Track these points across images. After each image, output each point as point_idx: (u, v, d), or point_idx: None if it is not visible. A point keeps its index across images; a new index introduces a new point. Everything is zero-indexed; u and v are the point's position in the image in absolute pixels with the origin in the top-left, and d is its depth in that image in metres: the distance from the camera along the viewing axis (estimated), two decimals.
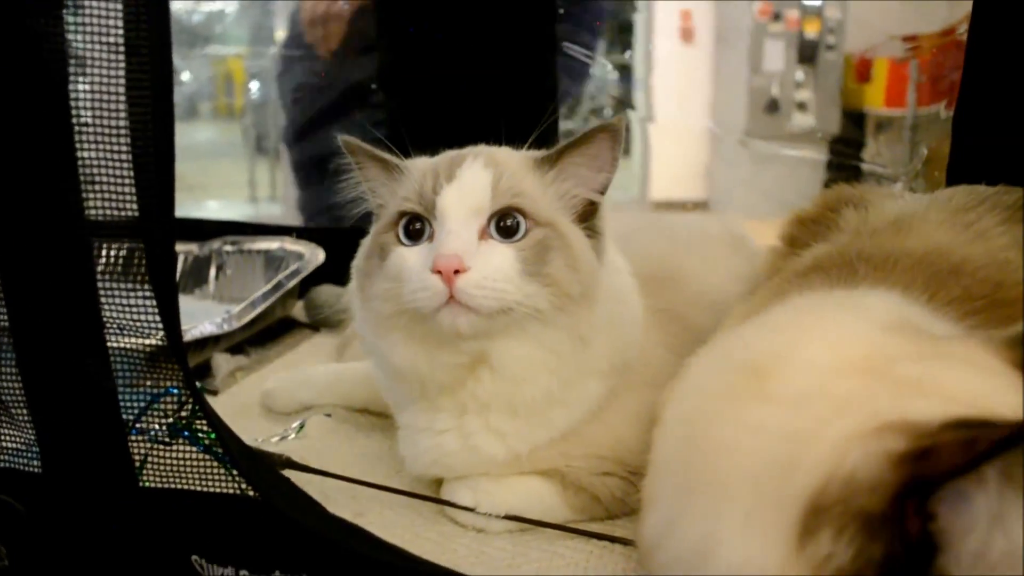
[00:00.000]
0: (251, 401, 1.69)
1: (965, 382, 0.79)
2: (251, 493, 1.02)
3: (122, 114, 0.96)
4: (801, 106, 6.81)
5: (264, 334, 1.98)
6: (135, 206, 0.97)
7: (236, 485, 1.04)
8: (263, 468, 1.08)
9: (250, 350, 1.88)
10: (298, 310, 2.15)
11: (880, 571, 0.70)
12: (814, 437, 0.77)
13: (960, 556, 0.71)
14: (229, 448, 1.03)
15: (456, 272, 1.08)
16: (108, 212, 0.98)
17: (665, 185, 6.59)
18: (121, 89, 0.96)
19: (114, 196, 0.97)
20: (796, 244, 1.37)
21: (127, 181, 0.97)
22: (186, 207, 3.17)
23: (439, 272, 1.09)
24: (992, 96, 1.68)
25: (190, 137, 7.34)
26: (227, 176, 6.71)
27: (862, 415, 0.76)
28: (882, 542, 0.70)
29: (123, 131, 0.97)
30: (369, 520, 1.23)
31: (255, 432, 1.52)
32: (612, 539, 1.20)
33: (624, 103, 6.87)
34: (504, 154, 1.22)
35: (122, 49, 0.95)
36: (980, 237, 1.20)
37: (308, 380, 1.65)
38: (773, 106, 6.72)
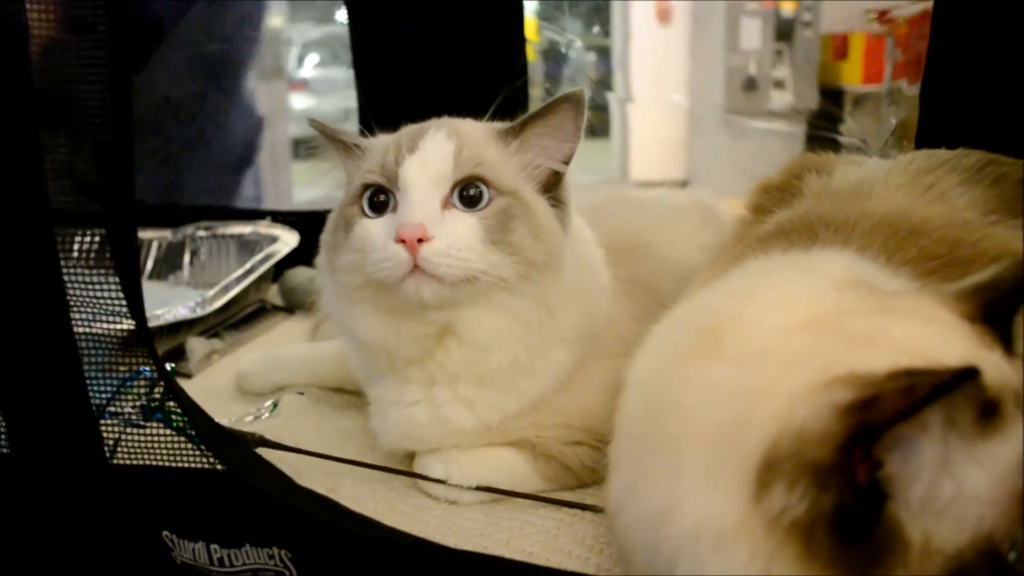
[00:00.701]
0: (225, 383, 1.69)
1: (914, 334, 0.80)
2: (218, 467, 1.02)
3: (82, 95, 0.96)
4: (779, 84, 6.80)
5: (240, 319, 1.98)
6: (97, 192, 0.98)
7: (204, 459, 1.04)
8: (230, 442, 1.09)
9: (225, 334, 1.88)
10: (273, 294, 2.15)
11: (832, 522, 0.71)
12: (766, 393, 0.78)
13: (909, 502, 0.72)
14: (195, 422, 1.04)
15: (419, 241, 1.09)
16: (70, 198, 0.99)
17: (645, 165, 6.58)
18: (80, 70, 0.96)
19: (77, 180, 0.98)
20: (762, 212, 1.38)
21: (88, 166, 0.98)
22: None
23: (402, 241, 1.09)
24: (956, 68, 1.70)
25: None
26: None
27: (812, 369, 0.77)
28: (833, 493, 0.71)
29: (83, 113, 0.97)
30: (342, 495, 1.23)
31: (230, 413, 1.53)
32: (583, 507, 1.21)
33: (603, 84, 6.88)
34: (467, 125, 1.23)
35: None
36: (940, 198, 1.20)
37: (281, 360, 1.65)
38: (751, 84, 6.72)
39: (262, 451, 1.25)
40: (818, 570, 0.72)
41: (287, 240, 2.12)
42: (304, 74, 7.05)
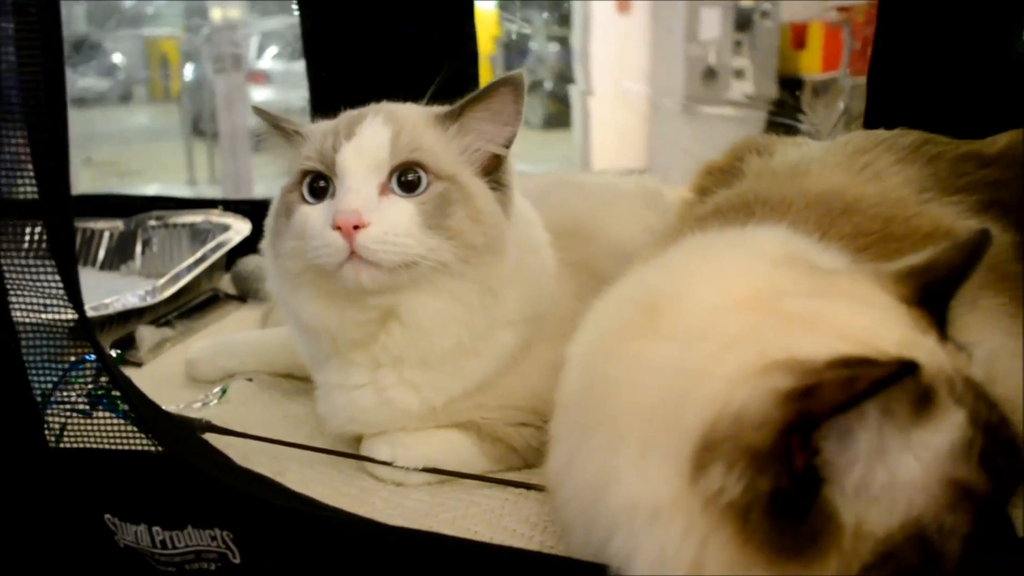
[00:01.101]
0: (176, 371, 1.68)
1: (852, 318, 0.81)
2: (158, 449, 1.02)
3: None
4: (739, 73, 6.84)
5: (192, 308, 1.97)
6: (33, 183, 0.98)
7: (144, 442, 1.04)
8: (170, 425, 1.09)
9: (176, 322, 1.87)
10: (226, 283, 2.14)
11: (768, 505, 0.73)
12: (705, 373, 0.79)
13: (844, 488, 0.74)
14: (132, 403, 1.04)
15: (356, 228, 1.09)
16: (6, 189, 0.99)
17: (606, 155, 6.60)
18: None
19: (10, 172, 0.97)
20: (705, 193, 1.40)
21: (23, 156, 0.97)
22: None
23: (339, 228, 1.10)
24: (901, 54, 1.74)
25: (126, 121, 7.25)
26: (165, 159, 6.61)
27: (751, 352, 0.78)
28: (770, 476, 0.73)
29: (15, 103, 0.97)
30: (289, 479, 1.23)
31: (179, 400, 1.53)
32: (527, 486, 1.22)
33: (564, 77, 6.90)
34: (405, 110, 1.23)
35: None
36: (875, 177, 1.23)
37: (231, 347, 1.65)
38: (711, 74, 6.75)
39: (210, 437, 1.25)
40: (753, 550, 0.73)
41: (239, 229, 2.11)
42: (264, 66, 7.02)
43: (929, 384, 0.75)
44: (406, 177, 1.15)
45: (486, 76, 2.24)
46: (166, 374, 1.69)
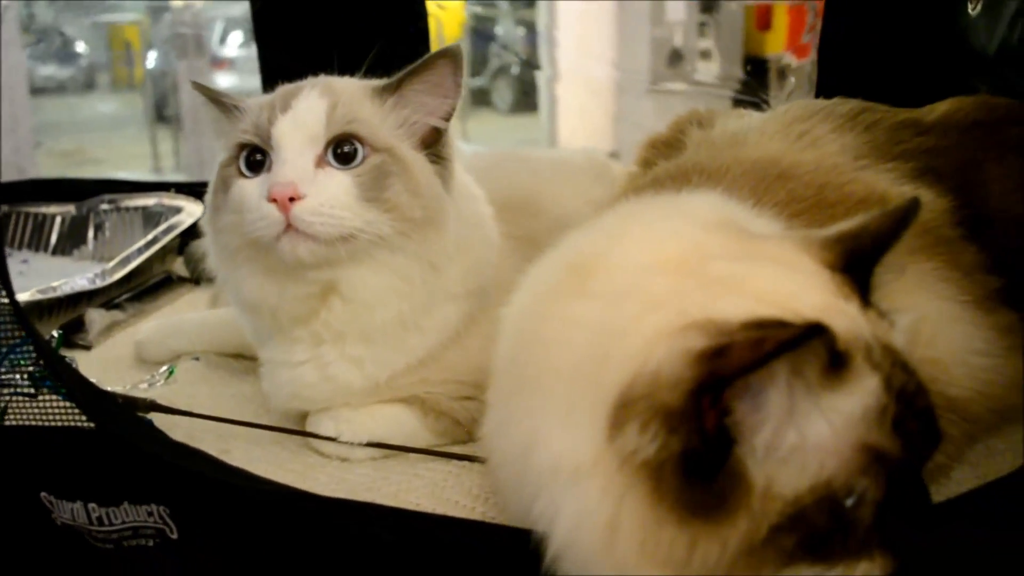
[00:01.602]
0: (126, 353, 1.67)
1: (775, 282, 0.81)
2: (90, 425, 1.02)
3: None
4: (704, 55, 6.85)
5: (144, 290, 1.95)
6: None
7: (81, 419, 1.03)
8: (103, 400, 1.08)
9: (127, 305, 1.86)
10: (180, 266, 2.13)
11: (680, 464, 0.73)
12: (626, 333, 0.79)
13: (754, 447, 0.74)
14: (59, 375, 1.03)
15: (292, 200, 1.09)
16: None
17: (573, 138, 6.60)
18: None
19: None
20: (648, 166, 1.40)
21: None
22: None
23: (274, 200, 1.09)
24: (846, 29, 1.75)
25: (89, 109, 7.18)
26: (129, 147, 6.55)
27: (672, 312, 0.78)
28: (681, 436, 0.73)
29: None
30: (235, 457, 1.23)
31: (128, 382, 1.52)
32: (471, 459, 1.22)
33: (531, 63, 6.87)
34: (342, 83, 1.22)
35: None
36: (812, 145, 1.24)
37: (179, 328, 1.64)
38: (676, 56, 6.76)
39: (155, 417, 1.24)
40: (666, 509, 0.73)
41: (191, 211, 2.09)
42: (227, 52, 6.97)
43: (844, 349, 0.75)
44: (342, 149, 1.15)
45: None
46: (115, 356, 1.68)
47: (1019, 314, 1.16)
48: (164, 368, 1.53)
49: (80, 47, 7.05)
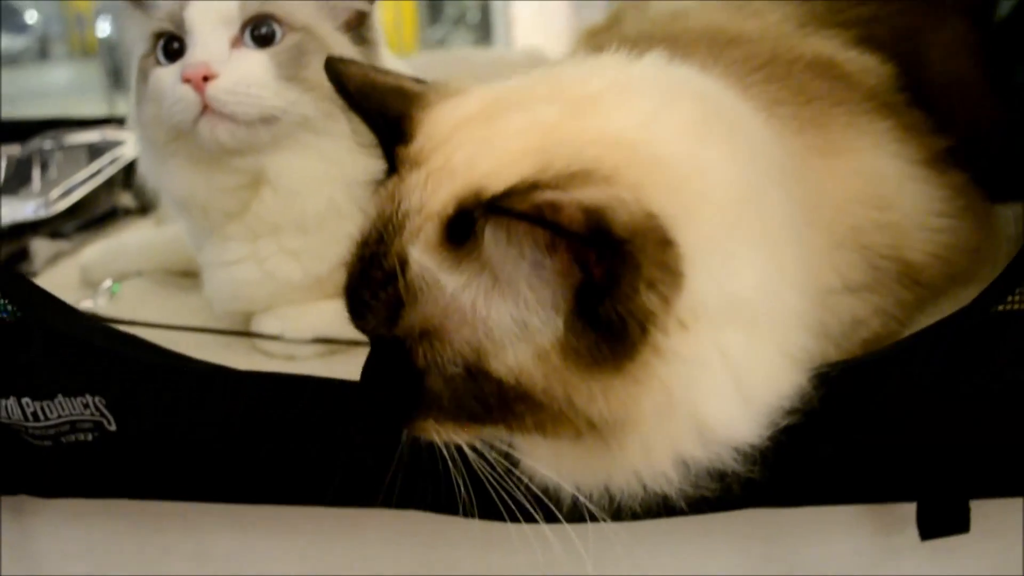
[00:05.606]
0: (71, 280, 1.64)
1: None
2: (17, 315, 0.99)
3: None
4: None
5: (90, 221, 1.92)
6: None
7: (2, 308, 1.01)
8: (30, 289, 1.05)
9: (73, 236, 1.83)
10: (129, 200, 2.09)
11: None
12: None
13: None
14: None
15: (206, 79, 1.07)
16: None
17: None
18: None
19: None
20: None
21: None
22: None
23: (188, 81, 1.07)
24: None
25: (46, 78, 7.07)
26: (88, 115, 6.45)
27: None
28: None
29: None
30: None
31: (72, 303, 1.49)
32: None
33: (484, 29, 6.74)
34: None
35: None
36: (754, 15, 1.23)
37: (124, 248, 1.61)
38: None
39: None
40: None
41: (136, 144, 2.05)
42: None
43: None
44: (260, 31, 1.13)
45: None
46: (60, 283, 1.64)
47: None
48: (107, 283, 1.51)
49: (31, 17, 6.93)
